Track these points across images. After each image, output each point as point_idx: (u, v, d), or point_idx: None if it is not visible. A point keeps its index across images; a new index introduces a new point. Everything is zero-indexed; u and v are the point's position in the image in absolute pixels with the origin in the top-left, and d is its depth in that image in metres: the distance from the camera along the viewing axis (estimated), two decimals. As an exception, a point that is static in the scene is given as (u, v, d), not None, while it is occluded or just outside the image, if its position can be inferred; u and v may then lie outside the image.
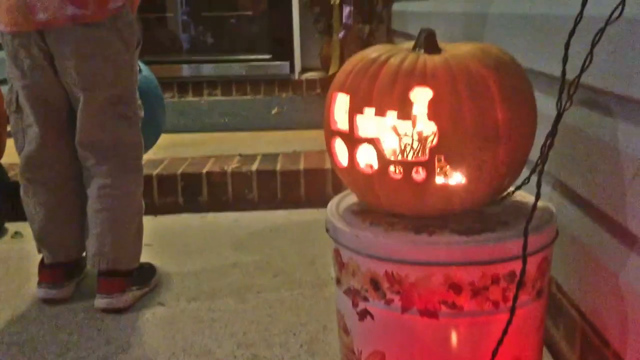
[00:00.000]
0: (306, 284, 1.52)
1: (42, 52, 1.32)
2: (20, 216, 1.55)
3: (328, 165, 2.02)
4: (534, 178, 0.85)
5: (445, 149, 0.83)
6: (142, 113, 1.47)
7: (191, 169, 2.06)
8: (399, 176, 0.86)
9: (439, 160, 0.84)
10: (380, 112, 0.86)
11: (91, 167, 1.40)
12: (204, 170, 2.04)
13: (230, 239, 1.83)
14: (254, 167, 2.06)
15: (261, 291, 1.49)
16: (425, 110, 0.84)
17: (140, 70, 1.69)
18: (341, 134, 0.92)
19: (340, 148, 0.93)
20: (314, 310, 1.39)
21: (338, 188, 1.90)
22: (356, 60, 0.93)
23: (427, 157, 0.84)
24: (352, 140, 0.89)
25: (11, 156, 1.82)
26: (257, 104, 3.02)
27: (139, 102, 1.46)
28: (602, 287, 0.92)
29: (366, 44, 3.05)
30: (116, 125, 1.40)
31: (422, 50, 0.91)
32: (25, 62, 1.33)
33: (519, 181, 0.96)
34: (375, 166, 0.88)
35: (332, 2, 2.94)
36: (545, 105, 0.95)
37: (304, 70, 3.32)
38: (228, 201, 2.05)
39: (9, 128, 1.65)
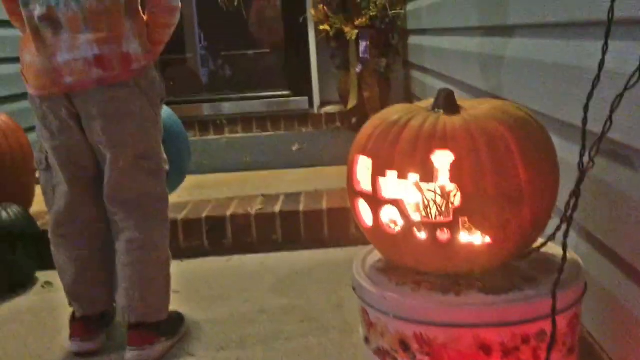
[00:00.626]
0: (334, 329, 1.52)
1: (69, 113, 1.36)
2: (50, 265, 1.58)
3: (350, 204, 2.03)
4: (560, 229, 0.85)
5: (469, 211, 0.84)
6: (167, 166, 1.50)
7: (215, 212, 2.09)
8: (423, 237, 0.87)
9: (463, 221, 0.85)
10: (403, 175, 0.87)
11: (119, 221, 1.43)
12: (228, 213, 2.06)
13: (256, 283, 1.84)
14: (277, 208, 2.07)
15: (289, 338, 1.49)
16: (448, 173, 0.85)
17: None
18: (364, 195, 0.93)
19: (364, 208, 0.94)
20: (342, 358, 1.39)
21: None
22: (377, 122, 0.94)
23: (451, 218, 0.85)
24: (376, 201, 0.91)
25: (39, 204, 1.86)
26: (278, 140, 3.06)
27: (164, 155, 1.49)
28: (632, 336, 0.91)
29: (383, 77, 3.08)
30: (142, 179, 1.42)
31: (442, 111, 0.92)
32: (54, 124, 1.37)
33: (549, 228, 0.96)
34: (400, 227, 0.89)
35: (348, 38, 2.98)
36: (566, 151, 0.95)
37: (323, 104, 3.37)
38: (253, 243, 2.06)
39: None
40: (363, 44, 2.96)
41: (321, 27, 3.05)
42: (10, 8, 1.38)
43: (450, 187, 0.85)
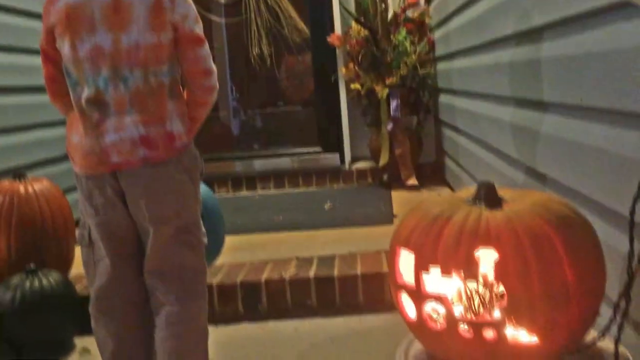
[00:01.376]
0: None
1: (114, 191, 1.39)
2: (88, 331, 1.60)
3: (385, 269, 2.02)
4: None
5: (515, 310, 0.84)
6: (205, 240, 1.53)
7: (250, 276, 2.10)
8: (469, 335, 0.87)
9: (510, 321, 0.84)
10: (446, 271, 0.88)
11: (159, 296, 1.45)
12: (263, 278, 2.07)
13: (291, 351, 1.83)
14: (312, 272, 2.07)
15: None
16: (492, 272, 0.85)
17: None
18: (407, 289, 0.93)
19: (407, 302, 0.94)
20: None
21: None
22: (419, 215, 0.95)
23: (496, 316, 0.85)
24: (419, 296, 0.91)
25: (78, 265, 1.89)
26: (309, 196, 3.08)
27: (203, 229, 1.52)
28: None
29: (414, 134, 3.10)
30: (182, 254, 1.44)
31: (483, 205, 0.93)
32: (99, 201, 1.40)
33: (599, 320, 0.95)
34: (444, 323, 0.89)
35: (379, 96, 3.01)
36: (608, 235, 0.94)
37: (354, 160, 3.39)
38: (287, 308, 2.06)
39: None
40: (394, 103, 2.99)
41: (352, 86, 3.10)
42: (56, 90, 1.42)
43: (495, 285, 0.85)
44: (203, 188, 1.80)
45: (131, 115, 1.32)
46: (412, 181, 3.02)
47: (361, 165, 3.34)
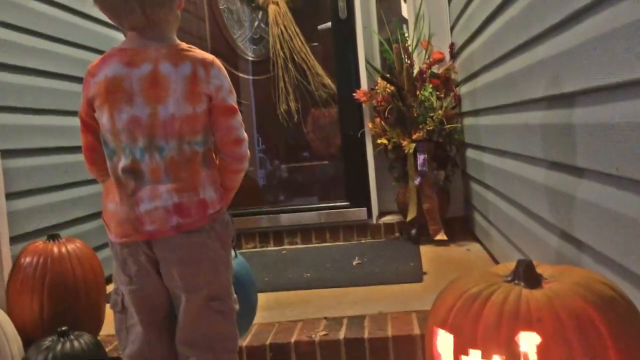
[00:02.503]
0: None
1: (148, 259, 1.40)
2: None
3: (417, 331, 1.99)
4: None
5: (560, 397, 0.81)
6: (237, 307, 1.52)
7: (279, 338, 2.08)
8: (511, 421, 0.84)
9: (554, 408, 0.82)
10: (487, 355, 0.86)
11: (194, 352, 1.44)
12: (292, 340, 2.05)
13: (322, 418, 1.79)
14: (342, 334, 2.05)
15: None
16: (535, 356, 0.83)
17: (235, 255, 1.78)
18: (446, 371, 0.91)
19: (446, 384, 0.92)
20: None
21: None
22: (456, 294, 0.94)
23: (540, 403, 0.82)
24: (459, 378, 0.89)
25: (109, 325, 1.89)
26: (337, 251, 3.06)
27: (235, 296, 1.52)
28: None
29: (442, 189, 3.09)
30: (214, 322, 1.44)
31: (522, 283, 0.91)
32: (133, 269, 1.42)
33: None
34: (486, 408, 0.86)
35: (406, 151, 3.02)
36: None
37: (381, 214, 3.38)
38: (317, 371, 2.03)
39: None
40: (421, 157, 2.99)
41: (379, 141, 3.12)
42: (95, 159, 1.47)
43: (538, 370, 0.83)
44: (234, 254, 1.81)
45: (166, 183, 1.35)
46: (441, 236, 3.00)
47: (389, 219, 3.33)
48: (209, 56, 1.38)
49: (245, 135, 1.43)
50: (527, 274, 0.91)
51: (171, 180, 1.35)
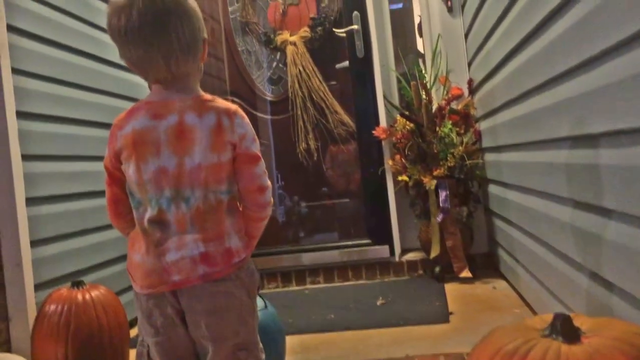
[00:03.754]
0: None
1: (174, 310, 1.39)
2: None
3: (445, 375, 1.94)
4: None
5: None
6: (263, 356, 1.50)
7: (305, 384, 2.04)
8: None
9: None
10: (527, 415, 0.83)
11: None
12: (318, 386, 2.01)
13: None
14: (368, 379, 2.01)
15: None
16: (577, 417, 0.80)
17: (265, 306, 1.76)
18: None
19: None
20: None
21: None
22: (492, 350, 0.91)
23: None
24: None
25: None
26: (360, 290, 3.03)
27: (260, 345, 1.50)
28: None
29: (465, 225, 3.06)
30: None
31: (560, 338, 0.89)
32: (159, 321, 1.40)
33: None
34: None
35: (427, 187, 3.00)
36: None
37: (404, 251, 3.35)
38: (344, 418, 1.98)
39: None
40: (443, 194, 2.97)
41: (400, 178, 3.10)
42: (120, 211, 1.47)
43: None
44: (261, 303, 1.79)
45: (192, 233, 1.35)
46: (466, 273, 2.95)
47: (411, 256, 3.30)
48: (232, 106, 1.40)
49: (269, 183, 1.43)
50: (565, 328, 0.88)
51: (197, 230, 1.35)
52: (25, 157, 2.22)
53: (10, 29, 2.20)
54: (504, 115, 2.43)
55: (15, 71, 2.20)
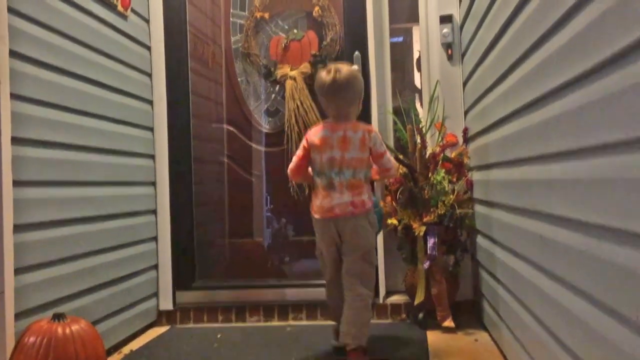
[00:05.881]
0: None
1: (335, 230, 2.47)
2: None
3: None
4: None
5: None
6: (376, 262, 2.74)
7: None
8: None
9: None
10: None
11: (349, 284, 2.49)
12: None
13: None
14: None
15: None
16: None
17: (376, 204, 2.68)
18: None
19: None
20: None
21: None
22: None
23: None
24: None
25: None
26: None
27: (375, 255, 2.63)
28: None
29: (451, 274, 3.06)
30: (364, 266, 2.49)
31: None
32: (327, 235, 2.50)
33: None
34: None
35: (416, 233, 3.01)
36: None
37: (389, 293, 3.34)
38: None
39: None
40: (431, 241, 2.98)
41: (389, 221, 3.11)
42: (300, 172, 2.57)
43: None
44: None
45: (346, 192, 2.46)
46: (448, 323, 2.95)
47: (396, 299, 3.29)
48: (370, 127, 2.55)
49: (392, 163, 2.60)
50: None
51: (349, 190, 2.46)
52: (17, 183, 2.20)
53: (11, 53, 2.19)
54: (497, 174, 2.45)
55: (14, 96, 2.19)
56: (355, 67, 2.91)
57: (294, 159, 2.55)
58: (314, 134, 2.50)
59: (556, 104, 1.61)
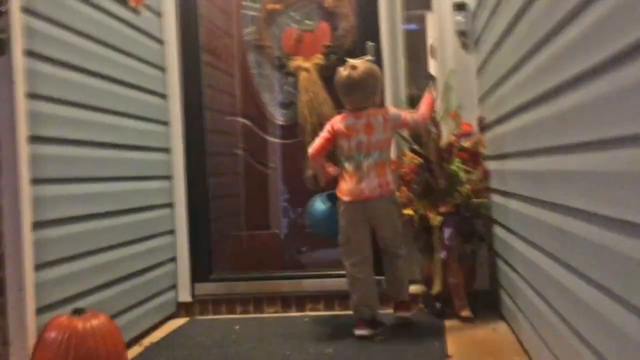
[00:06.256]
0: None
1: (365, 211, 2.75)
2: None
3: None
4: None
5: None
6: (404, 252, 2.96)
7: None
8: None
9: None
10: None
11: (390, 248, 2.90)
12: None
13: None
14: None
15: None
16: None
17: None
18: None
19: None
20: None
21: None
22: None
23: None
24: None
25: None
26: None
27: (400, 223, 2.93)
28: None
29: (468, 264, 3.05)
30: (395, 239, 2.90)
31: None
32: (358, 215, 2.75)
33: None
34: None
35: (432, 224, 3.00)
36: None
37: (405, 283, 3.33)
38: None
39: None
40: (448, 231, 2.96)
41: (405, 211, 3.09)
42: (322, 154, 2.82)
43: None
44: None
45: (372, 174, 2.73)
46: (466, 313, 2.95)
47: (412, 289, 3.28)
48: (385, 109, 2.88)
49: (419, 113, 2.91)
50: None
51: (375, 172, 2.73)
52: (36, 181, 2.23)
53: (26, 52, 2.21)
54: (513, 164, 2.43)
55: (30, 95, 2.21)
56: (368, 57, 2.91)
57: (319, 140, 2.78)
58: (339, 122, 2.75)
59: (574, 94, 1.58)
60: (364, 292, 2.79)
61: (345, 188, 2.72)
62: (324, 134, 2.79)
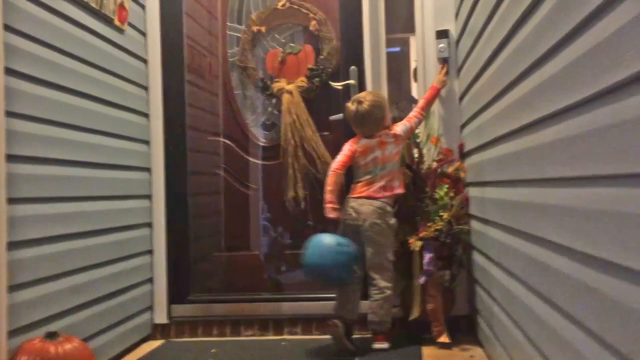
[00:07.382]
0: None
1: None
2: None
3: None
4: None
5: None
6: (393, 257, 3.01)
7: None
8: None
9: None
10: None
11: (373, 279, 2.96)
12: None
13: None
14: None
15: None
16: None
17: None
18: None
19: None
20: None
21: None
22: None
23: None
24: None
25: None
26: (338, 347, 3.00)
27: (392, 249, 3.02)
28: None
29: (447, 289, 3.06)
30: (382, 256, 2.96)
31: None
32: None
33: None
34: None
35: (412, 248, 3.01)
36: None
37: (384, 308, 3.32)
38: None
39: None
40: (428, 256, 2.97)
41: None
42: (341, 169, 2.99)
43: None
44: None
45: (382, 181, 2.98)
46: (444, 339, 2.95)
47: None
48: (392, 129, 3.06)
49: (417, 115, 3.15)
50: None
51: (385, 180, 2.99)
52: (12, 200, 2.19)
53: (6, 70, 2.19)
54: (492, 192, 2.45)
55: (9, 114, 2.19)
56: (351, 82, 2.95)
57: (340, 157, 3.00)
58: (356, 143, 3.01)
59: (551, 129, 1.61)
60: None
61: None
62: (344, 152, 2.99)
